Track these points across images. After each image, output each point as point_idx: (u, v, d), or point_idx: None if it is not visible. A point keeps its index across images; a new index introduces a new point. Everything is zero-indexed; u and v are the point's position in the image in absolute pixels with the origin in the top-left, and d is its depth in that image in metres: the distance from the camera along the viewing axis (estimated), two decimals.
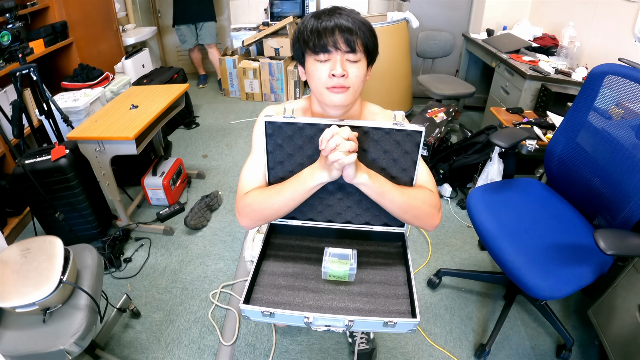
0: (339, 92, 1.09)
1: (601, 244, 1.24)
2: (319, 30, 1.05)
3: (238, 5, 5.18)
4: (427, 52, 3.95)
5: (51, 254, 1.41)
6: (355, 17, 1.08)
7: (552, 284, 1.40)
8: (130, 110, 2.41)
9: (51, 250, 1.43)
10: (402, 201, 1.12)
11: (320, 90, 1.11)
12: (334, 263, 1.15)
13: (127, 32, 4.56)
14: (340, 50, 1.05)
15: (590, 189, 1.66)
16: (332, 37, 1.04)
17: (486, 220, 1.68)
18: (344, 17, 1.06)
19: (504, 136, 1.83)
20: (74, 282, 1.44)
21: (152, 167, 2.81)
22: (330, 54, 1.06)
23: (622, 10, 2.59)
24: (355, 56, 1.07)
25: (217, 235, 2.57)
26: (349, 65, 1.08)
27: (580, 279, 1.42)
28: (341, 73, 1.05)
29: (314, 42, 1.06)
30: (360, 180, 1.06)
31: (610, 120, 1.59)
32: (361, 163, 1.09)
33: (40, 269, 1.36)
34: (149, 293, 2.16)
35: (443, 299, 2.09)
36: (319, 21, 1.06)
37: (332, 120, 1.12)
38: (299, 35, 1.11)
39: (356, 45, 1.06)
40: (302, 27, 1.10)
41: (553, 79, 2.73)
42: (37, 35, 2.99)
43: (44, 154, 2.16)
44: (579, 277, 1.42)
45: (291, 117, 1.12)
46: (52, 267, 1.37)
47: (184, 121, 4.06)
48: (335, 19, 1.06)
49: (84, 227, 2.37)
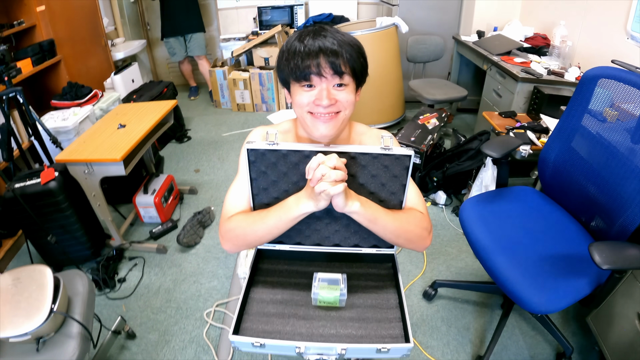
0: (325, 122, 1.04)
1: (597, 258, 1.21)
2: (302, 55, 0.99)
3: (227, 15, 5.16)
4: (417, 57, 3.94)
5: (41, 284, 1.41)
6: (341, 38, 1.01)
7: (547, 298, 1.37)
8: (118, 129, 2.38)
9: (41, 280, 1.42)
10: (395, 226, 1.09)
11: (304, 117, 1.06)
12: (324, 289, 1.12)
13: (117, 46, 4.54)
14: (326, 77, 0.99)
15: (586, 195, 1.63)
16: (316, 61, 0.98)
17: (479, 232, 1.65)
18: (328, 39, 0.99)
19: (496, 146, 1.81)
20: (64, 311, 1.45)
21: (143, 185, 2.78)
22: (315, 80, 1.01)
23: (613, 7, 2.56)
24: (343, 80, 1.01)
25: (210, 252, 2.54)
26: (337, 91, 1.02)
27: (577, 292, 1.39)
28: (328, 103, 1.00)
29: (296, 68, 0.99)
30: (351, 209, 1.02)
31: (605, 123, 1.56)
32: (351, 190, 1.05)
33: (31, 299, 1.36)
34: (143, 313, 2.14)
35: (439, 310, 2.07)
36: (301, 45, 1.00)
37: (318, 147, 1.09)
38: (282, 61, 1.05)
39: (343, 68, 1.00)
40: (285, 51, 1.03)
41: (545, 81, 2.70)
42: (24, 55, 2.97)
43: (34, 177, 2.15)
44: (575, 289, 1.39)
45: (274, 144, 1.09)
46: (43, 297, 1.37)
47: (176, 135, 4.04)
48: (319, 41, 0.99)
49: (77, 249, 2.36)
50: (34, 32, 3.20)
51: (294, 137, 1.22)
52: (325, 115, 1.03)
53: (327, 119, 1.04)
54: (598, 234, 1.62)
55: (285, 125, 1.25)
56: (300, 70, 0.99)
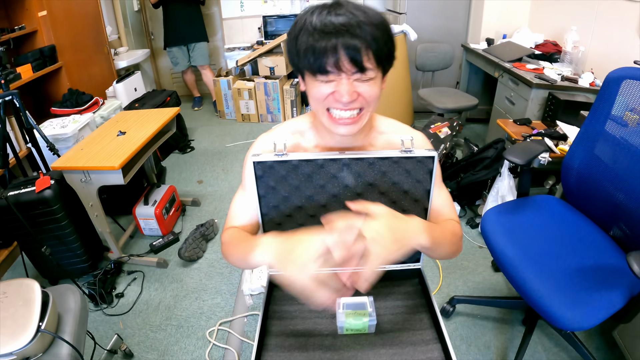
0: (346, 125, 0.91)
1: (635, 268, 1.11)
2: (316, 49, 0.82)
3: (232, 25, 5.11)
4: (426, 65, 3.85)
5: (28, 299, 1.29)
6: (364, 20, 0.83)
7: (580, 313, 1.26)
8: (118, 137, 2.29)
9: (28, 295, 1.30)
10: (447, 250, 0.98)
11: (321, 115, 0.93)
12: (350, 315, 0.99)
13: (120, 55, 4.48)
14: (346, 72, 0.84)
15: (613, 203, 1.54)
16: (334, 57, 0.82)
17: (504, 244, 1.53)
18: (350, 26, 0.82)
19: (519, 152, 1.70)
20: (54, 330, 1.32)
21: (143, 195, 2.68)
22: (334, 75, 0.86)
23: (625, 10, 2.50)
24: (367, 75, 0.86)
25: (213, 267, 2.43)
26: (359, 84, 0.87)
27: (611, 305, 1.28)
28: (349, 99, 0.86)
29: (309, 61, 0.84)
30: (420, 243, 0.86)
31: (627, 127, 1.48)
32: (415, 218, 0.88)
33: (16, 315, 1.24)
34: (142, 331, 2.02)
35: (458, 328, 1.94)
36: (316, 32, 0.83)
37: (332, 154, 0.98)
38: (293, 48, 0.89)
39: (367, 64, 0.84)
40: (297, 34, 0.87)
41: (560, 87, 2.63)
42: (24, 60, 2.91)
43: (29, 185, 2.06)
44: (608, 303, 1.28)
45: (283, 154, 0.98)
46: (30, 314, 1.24)
47: (179, 145, 3.95)
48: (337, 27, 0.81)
49: (73, 261, 2.26)
50: (35, 38, 3.14)
51: (315, 135, 1.07)
52: (346, 119, 0.90)
53: (348, 122, 0.91)
54: (625, 243, 1.53)
55: (301, 122, 1.09)
56: (314, 63, 0.84)
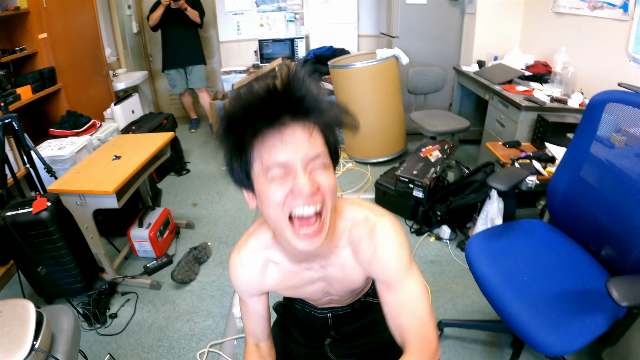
0: (308, 238, 0.79)
1: (615, 294, 1.13)
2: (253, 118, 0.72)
3: (228, 47, 5.20)
4: (418, 88, 3.91)
5: (23, 319, 1.32)
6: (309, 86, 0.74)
7: (561, 337, 1.28)
8: (113, 161, 2.33)
9: (23, 315, 1.34)
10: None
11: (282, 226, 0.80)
12: None
13: (118, 76, 4.54)
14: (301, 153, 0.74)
15: (599, 226, 1.56)
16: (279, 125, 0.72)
17: (486, 270, 1.56)
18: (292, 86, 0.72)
19: (503, 178, 1.73)
20: (47, 349, 1.35)
21: (138, 218, 2.71)
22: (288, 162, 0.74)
23: (613, 30, 2.54)
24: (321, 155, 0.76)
25: (205, 289, 2.44)
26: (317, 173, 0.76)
27: (593, 330, 1.30)
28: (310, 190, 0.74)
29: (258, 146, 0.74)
30: None
31: (614, 149, 1.50)
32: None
33: (11, 334, 1.28)
34: (134, 352, 2.04)
35: (446, 352, 1.95)
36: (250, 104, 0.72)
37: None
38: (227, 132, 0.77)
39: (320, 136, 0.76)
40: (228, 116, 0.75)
41: (549, 108, 2.66)
42: (24, 82, 2.96)
43: (26, 206, 2.10)
44: (591, 327, 1.30)
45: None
46: (24, 333, 1.28)
47: (175, 167, 3.99)
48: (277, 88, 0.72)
49: (68, 281, 2.29)
50: (35, 59, 3.20)
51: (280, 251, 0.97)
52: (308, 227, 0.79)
53: (311, 233, 0.79)
54: (612, 266, 1.54)
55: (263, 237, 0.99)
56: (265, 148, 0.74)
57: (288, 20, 5.02)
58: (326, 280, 1.01)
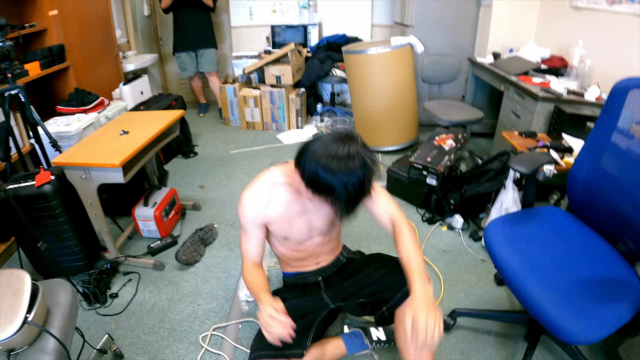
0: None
1: None
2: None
3: (240, 33, 5.14)
4: (432, 78, 3.84)
5: (17, 290, 1.26)
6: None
7: (587, 326, 1.22)
8: (121, 136, 2.28)
9: (18, 286, 1.27)
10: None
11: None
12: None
13: (128, 58, 4.49)
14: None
15: (619, 215, 1.50)
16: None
17: (507, 255, 1.49)
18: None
19: (524, 161, 1.66)
20: (41, 323, 1.28)
21: (143, 197, 2.65)
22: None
23: (632, 24, 2.50)
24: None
25: (210, 271, 2.38)
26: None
27: (618, 319, 1.24)
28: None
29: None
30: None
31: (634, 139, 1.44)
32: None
33: (4, 306, 1.21)
34: (134, 333, 1.98)
35: (458, 342, 1.88)
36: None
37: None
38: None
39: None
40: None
41: (566, 100, 2.61)
42: (33, 57, 2.92)
43: (29, 180, 2.04)
44: (616, 316, 1.24)
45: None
46: (17, 305, 1.21)
47: (182, 150, 3.94)
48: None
49: (69, 259, 2.22)
50: (45, 36, 3.16)
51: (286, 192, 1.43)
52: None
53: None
54: (633, 255, 1.48)
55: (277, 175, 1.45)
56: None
57: (301, 6, 4.93)
58: (311, 211, 1.45)
